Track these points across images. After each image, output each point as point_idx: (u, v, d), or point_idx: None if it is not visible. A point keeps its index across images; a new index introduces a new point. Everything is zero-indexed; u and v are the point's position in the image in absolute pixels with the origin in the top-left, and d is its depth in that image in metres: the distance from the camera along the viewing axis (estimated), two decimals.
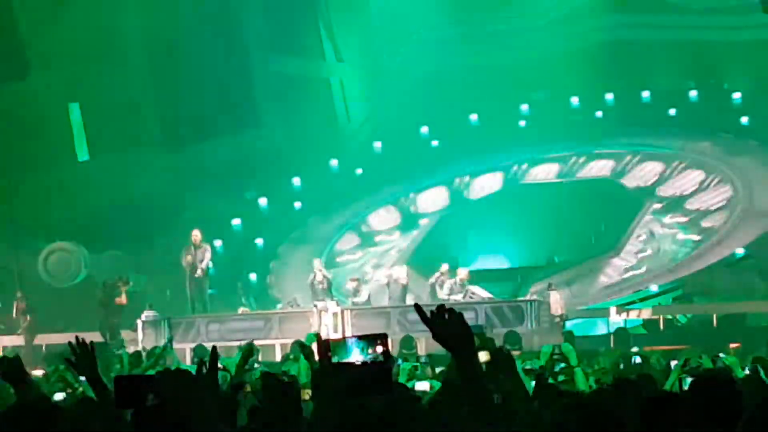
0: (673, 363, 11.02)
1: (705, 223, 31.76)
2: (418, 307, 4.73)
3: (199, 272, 27.16)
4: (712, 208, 32.03)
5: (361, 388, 4.74)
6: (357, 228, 34.85)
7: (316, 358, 5.52)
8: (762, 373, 9.87)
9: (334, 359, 5.38)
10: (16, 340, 28.49)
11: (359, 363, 5.30)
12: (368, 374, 4.83)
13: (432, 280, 27.57)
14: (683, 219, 32.11)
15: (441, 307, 4.56)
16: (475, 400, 4.39)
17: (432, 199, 35.28)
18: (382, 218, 35.18)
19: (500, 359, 4.78)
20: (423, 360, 15.33)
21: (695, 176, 33.07)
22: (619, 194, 33.25)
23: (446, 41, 35.87)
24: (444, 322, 4.53)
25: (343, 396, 4.71)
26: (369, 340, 5.43)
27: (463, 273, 27.27)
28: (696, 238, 31.48)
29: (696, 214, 32.05)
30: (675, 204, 32.58)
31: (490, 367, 4.92)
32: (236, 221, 34.52)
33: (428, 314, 4.57)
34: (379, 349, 5.48)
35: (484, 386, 4.47)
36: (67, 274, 31.18)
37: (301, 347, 11.23)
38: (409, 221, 34.80)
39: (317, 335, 5.55)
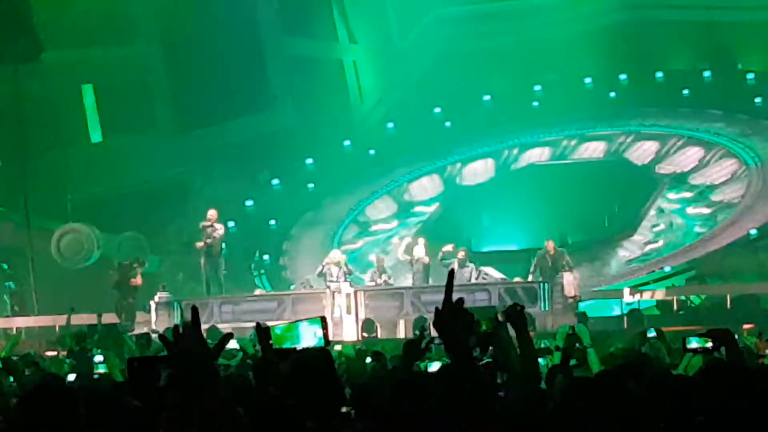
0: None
1: (714, 197, 31.69)
2: (451, 274, 4.63)
3: (214, 251, 26.88)
4: (717, 182, 31.97)
5: (302, 372, 4.67)
6: (360, 216, 34.68)
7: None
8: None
9: (281, 345, 5.33)
10: (29, 321, 28.59)
11: (299, 348, 5.25)
12: (308, 359, 4.76)
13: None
14: (688, 194, 32.05)
15: (461, 300, 4.45)
16: (472, 389, 4.33)
17: (434, 184, 35.17)
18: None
19: (513, 319, 4.69)
20: (437, 341, 15.30)
21: (694, 153, 33.00)
22: (629, 174, 33.16)
23: (459, 21, 35.78)
24: (453, 314, 4.43)
25: (285, 381, 4.63)
26: (311, 323, 5.40)
27: (461, 252, 26.99)
28: (706, 211, 31.42)
29: (702, 188, 31.99)
30: (678, 180, 32.52)
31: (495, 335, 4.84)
32: (249, 202, 34.53)
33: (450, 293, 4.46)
34: (319, 332, 5.43)
35: (479, 375, 4.40)
36: (79, 255, 31.16)
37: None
38: (408, 206, 34.72)
39: (257, 324, 5.46)
